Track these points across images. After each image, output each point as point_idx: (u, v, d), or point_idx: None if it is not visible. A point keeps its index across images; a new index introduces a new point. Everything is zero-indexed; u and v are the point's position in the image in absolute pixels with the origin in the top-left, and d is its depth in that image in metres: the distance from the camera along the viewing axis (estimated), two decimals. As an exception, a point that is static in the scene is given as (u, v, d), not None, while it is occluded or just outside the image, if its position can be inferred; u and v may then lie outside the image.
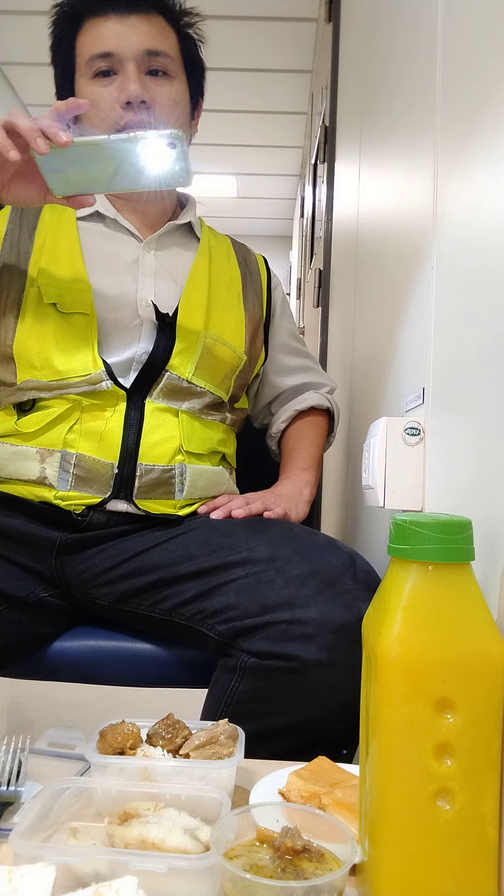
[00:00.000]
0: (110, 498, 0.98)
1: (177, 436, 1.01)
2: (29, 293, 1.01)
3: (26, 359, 0.99)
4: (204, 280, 1.09)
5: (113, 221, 1.09)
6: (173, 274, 1.08)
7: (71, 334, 0.99)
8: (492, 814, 0.47)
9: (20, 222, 1.06)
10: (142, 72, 1.03)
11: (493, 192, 0.60)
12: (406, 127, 1.00)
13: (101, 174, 0.83)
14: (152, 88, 1.03)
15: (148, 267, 1.06)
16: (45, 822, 0.56)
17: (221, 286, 1.12)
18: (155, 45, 1.03)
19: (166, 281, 1.07)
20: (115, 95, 1.02)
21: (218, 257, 1.15)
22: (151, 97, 1.02)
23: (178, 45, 1.08)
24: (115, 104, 1.02)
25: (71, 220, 1.07)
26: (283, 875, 0.47)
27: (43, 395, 0.99)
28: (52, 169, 0.83)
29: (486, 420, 0.60)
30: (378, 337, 1.19)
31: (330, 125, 2.26)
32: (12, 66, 3.69)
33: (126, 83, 1.01)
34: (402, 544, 0.49)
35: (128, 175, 0.83)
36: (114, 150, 0.81)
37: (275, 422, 1.25)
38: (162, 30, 1.05)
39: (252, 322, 1.15)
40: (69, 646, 1.00)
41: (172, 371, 1.02)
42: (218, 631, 0.87)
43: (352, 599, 0.83)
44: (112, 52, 1.02)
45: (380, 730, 0.48)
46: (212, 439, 1.07)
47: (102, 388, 0.98)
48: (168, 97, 1.04)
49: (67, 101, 0.84)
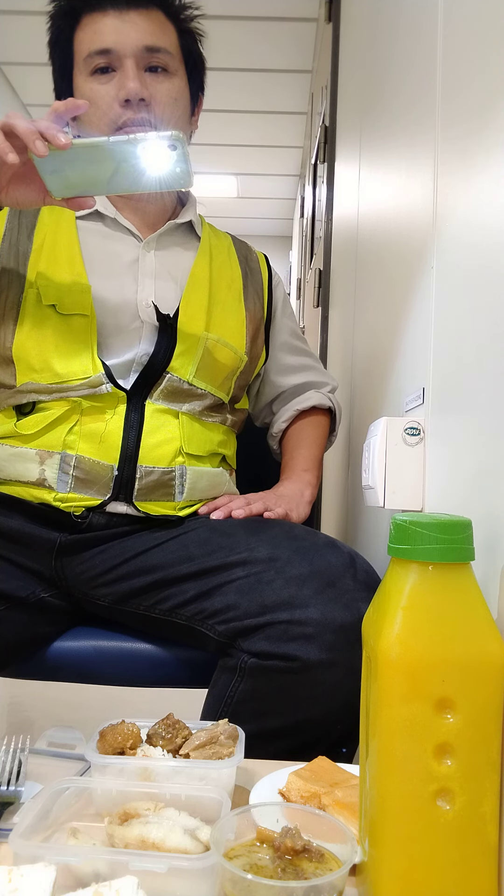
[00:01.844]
0: (110, 500, 0.98)
1: (177, 437, 1.01)
2: (28, 294, 1.00)
3: (26, 361, 0.99)
4: (205, 280, 1.09)
5: (112, 221, 1.08)
6: (174, 274, 1.07)
7: (70, 336, 0.99)
8: (492, 814, 0.47)
9: (19, 222, 1.05)
10: (141, 68, 1.02)
11: (493, 191, 0.60)
12: (406, 127, 1.00)
13: (101, 175, 0.82)
14: (151, 85, 1.02)
15: (148, 267, 1.06)
16: (45, 822, 0.56)
17: (222, 286, 1.12)
18: (154, 41, 1.02)
19: (166, 281, 1.06)
20: (113, 93, 1.01)
21: (219, 256, 1.14)
22: (150, 94, 1.01)
23: (177, 40, 1.06)
24: (114, 102, 1.01)
25: (70, 219, 1.06)
26: (283, 875, 0.47)
27: (42, 397, 0.98)
28: (51, 170, 0.82)
29: (486, 420, 0.60)
30: (378, 337, 1.19)
31: (330, 125, 2.26)
32: (12, 66, 3.69)
33: (125, 81, 1.00)
34: (402, 544, 0.49)
35: (128, 176, 0.82)
36: (113, 151, 0.80)
37: (276, 421, 1.25)
38: (161, 25, 1.04)
39: (253, 322, 1.14)
40: (69, 646, 0.99)
41: (173, 373, 1.02)
42: (218, 631, 0.87)
43: (352, 600, 0.83)
44: (110, 49, 1.01)
45: (380, 730, 0.48)
46: (212, 441, 1.07)
47: (102, 391, 0.98)
48: (167, 94, 1.03)
49: (66, 101, 0.83)
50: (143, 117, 1.01)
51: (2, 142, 0.79)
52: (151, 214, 1.12)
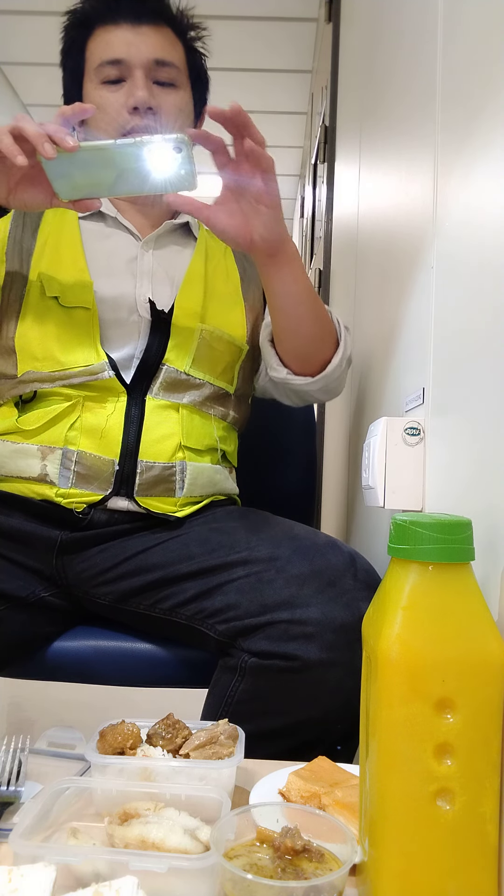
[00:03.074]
0: (111, 495, 0.98)
1: (177, 432, 1.02)
2: (31, 288, 1.02)
3: (28, 350, 1.00)
4: (200, 278, 1.10)
5: (113, 220, 1.10)
6: (170, 273, 1.09)
7: (73, 328, 1.00)
8: (492, 814, 0.47)
9: (23, 220, 1.07)
10: (149, 80, 1.05)
11: (493, 191, 0.60)
12: (406, 126, 1.00)
13: (107, 178, 0.83)
14: (159, 96, 1.05)
15: (145, 266, 1.07)
16: (45, 822, 0.56)
17: (218, 281, 1.13)
18: (164, 55, 1.06)
19: (163, 279, 1.08)
20: (122, 101, 1.04)
21: (214, 255, 1.15)
22: (158, 104, 1.05)
23: (184, 56, 1.10)
24: (123, 109, 1.04)
25: (73, 219, 1.08)
26: (283, 875, 0.46)
27: (44, 386, 0.99)
28: (59, 174, 0.83)
29: (486, 420, 0.60)
30: (378, 337, 1.19)
31: (330, 125, 2.26)
32: (12, 66, 3.69)
33: (134, 89, 1.04)
34: (402, 544, 0.49)
35: (133, 179, 0.83)
36: (120, 154, 0.81)
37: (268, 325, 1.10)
38: (171, 41, 1.08)
39: (253, 311, 1.15)
40: (69, 646, 1.00)
41: (169, 364, 1.03)
42: (218, 631, 0.87)
43: (352, 599, 0.83)
44: (122, 59, 1.04)
45: (380, 730, 0.48)
46: (211, 435, 1.07)
47: (104, 377, 0.99)
48: (174, 105, 1.07)
49: (73, 105, 0.85)
50: (149, 125, 1.04)
51: (10, 144, 0.80)
52: (151, 215, 1.14)
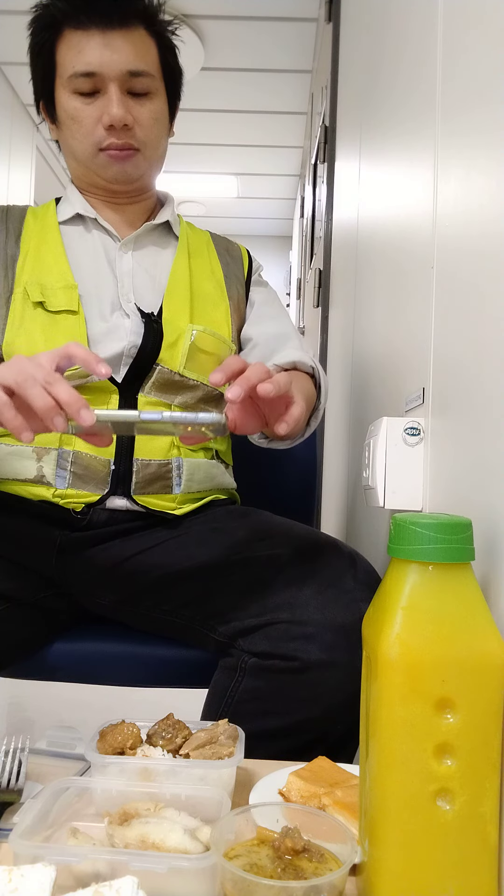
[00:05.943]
0: (109, 494, 0.98)
1: None
2: (16, 296, 1.02)
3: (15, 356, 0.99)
4: (185, 277, 1.10)
5: (93, 221, 1.10)
6: (152, 273, 1.09)
7: (59, 333, 1.00)
8: (492, 814, 0.47)
9: (6, 227, 1.07)
10: (124, 92, 1.02)
11: (493, 191, 0.60)
12: (406, 126, 1.00)
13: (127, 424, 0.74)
14: (134, 108, 1.03)
15: (125, 267, 1.07)
16: (45, 822, 0.56)
17: (203, 279, 1.12)
18: (137, 64, 1.02)
19: (145, 280, 1.07)
20: (97, 115, 1.02)
21: (197, 253, 1.15)
22: (134, 118, 1.03)
23: (158, 58, 1.06)
24: (98, 124, 1.02)
25: (53, 225, 1.09)
26: (283, 875, 0.46)
27: None
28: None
29: (486, 420, 0.60)
30: (378, 337, 1.19)
31: (330, 125, 2.26)
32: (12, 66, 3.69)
33: (109, 106, 1.01)
34: (402, 544, 0.49)
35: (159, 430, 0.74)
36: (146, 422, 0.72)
37: None
38: (144, 45, 1.04)
39: (237, 310, 1.14)
40: (69, 646, 1.00)
41: (163, 364, 1.02)
42: (218, 631, 0.87)
43: (352, 600, 0.83)
44: (94, 73, 1.01)
45: (380, 730, 0.48)
46: None
47: (94, 378, 0.98)
48: (150, 116, 1.05)
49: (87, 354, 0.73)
50: (126, 143, 1.03)
51: (12, 419, 0.69)
52: (131, 214, 1.13)
